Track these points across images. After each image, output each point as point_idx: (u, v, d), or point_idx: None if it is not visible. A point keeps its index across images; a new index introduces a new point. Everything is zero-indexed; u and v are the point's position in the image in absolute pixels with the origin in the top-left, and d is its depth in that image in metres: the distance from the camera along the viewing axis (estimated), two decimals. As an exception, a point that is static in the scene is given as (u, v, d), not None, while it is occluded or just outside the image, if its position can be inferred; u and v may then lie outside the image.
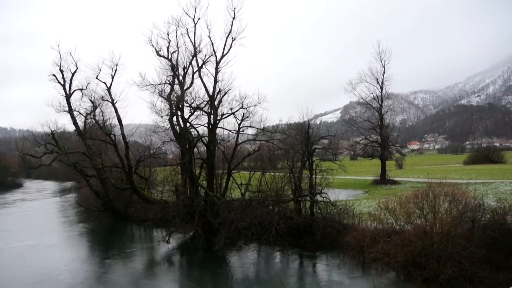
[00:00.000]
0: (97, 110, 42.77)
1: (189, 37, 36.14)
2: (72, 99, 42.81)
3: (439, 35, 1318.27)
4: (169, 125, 35.93)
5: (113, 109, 39.53)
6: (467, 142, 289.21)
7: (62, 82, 42.38)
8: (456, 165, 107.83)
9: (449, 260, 20.41)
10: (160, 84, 36.31)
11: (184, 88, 35.98)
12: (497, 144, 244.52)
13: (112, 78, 38.77)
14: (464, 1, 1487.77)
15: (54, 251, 33.05)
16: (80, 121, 44.39)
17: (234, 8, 35.39)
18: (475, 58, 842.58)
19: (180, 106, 35.05)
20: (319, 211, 32.21)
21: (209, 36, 35.93)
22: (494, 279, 19.53)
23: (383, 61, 67.70)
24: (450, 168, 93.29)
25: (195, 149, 37.81)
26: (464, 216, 22.81)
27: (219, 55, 36.24)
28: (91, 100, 41.77)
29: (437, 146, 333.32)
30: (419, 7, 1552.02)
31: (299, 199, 33.24)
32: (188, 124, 35.42)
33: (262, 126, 37.63)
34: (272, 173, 37.14)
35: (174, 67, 36.30)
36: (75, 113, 42.82)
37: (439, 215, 22.39)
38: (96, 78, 39.12)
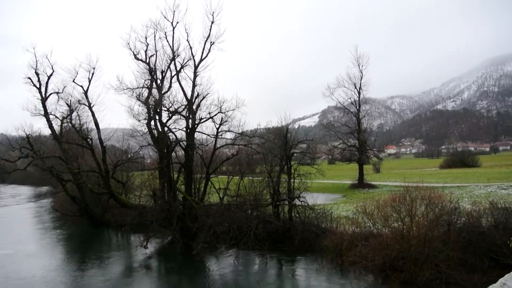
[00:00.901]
0: (74, 114, 42.39)
1: (167, 40, 36.00)
2: (48, 103, 42.24)
3: (416, 41, 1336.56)
4: (147, 129, 35.65)
5: (90, 113, 39.23)
6: (443, 146, 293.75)
7: (38, 85, 41.75)
8: (432, 169, 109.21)
9: (426, 262, 20.66)
10: (138, 88, 36.06)
11: (162, 92, 35.78)
12: (472, 149, 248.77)
13: (89, 81, 38.46)
14: (439, 8, 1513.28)
15: (30, 260, 32.41)
16: (56, 125, 43.79)
17: (213, 12, 35.39)
18: (450, 64, 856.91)
19: (158, 110, 34.86)
20: (297, 215, 32.27)
21: (187, 40, 35.85)
22: (469, 281, 19.79)
23: (360, 66, 68.40)
24: (427, 172, 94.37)
25: (173, 154, 37.67)
26: (440, 219, 23.13)
27: (197, 59, 36.18)
28: (67, 104, 41.37)
29: (413, 150, 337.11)
30: (396, 14, 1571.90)
31: (278, 203, 33.28)
32: (166, 128, 35.24)
33: (240, 131, 37.63)
34: (250, 178, 37.19)
35: (152, 71, 36.07)
36: (51, 116, 42.24)
37: (416, 219, 22.64)
38: (73, 81, 38.77)
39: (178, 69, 36.26)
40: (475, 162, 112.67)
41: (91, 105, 38.36)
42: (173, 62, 36.17)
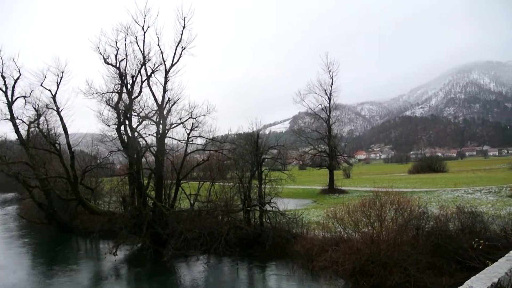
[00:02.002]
0: (41, 119, 41.58)
1: (138, 45, 35.68)
2: (14, 107, 41.22)
3: (385, 49, 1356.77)
4: (116, 135, 35.26)
5: (58, 118, 38.46)
6: (411, 152, 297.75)
7: (4, 89, 40.70)
8: (401, 174, 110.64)
9: (395, 266, 20.90)
10: (107, 92, 35.63)
11: (133, 97, 35.46)
12: (440, 154, 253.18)
13: (58, 85, 37.70)
14: (408, 18, 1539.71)
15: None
16: (23, 129, 42.80)
17: (185, 17, 35.28)
18: (418, 71, 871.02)
19: (128, 115, 34.52)
20: (268, 220, 32.30)
21: (158, 45, 35.63)
22: (437, 284, 20.08)
23: (331, 73, 68.93)
24: (396, 177, 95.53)
25: (143, 159, 37.30)
26: (409, 223, 23.47)
27: (168, 64, 35.98)
28: (35, 108, 40.56)
29: (383, 156, 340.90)
30: (366, 23, 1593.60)
31: (249, 209, 33.27)
32: (136, 134, 34.94)
33: (211, 136, 37.59)
34: (221, 183, 37.11)
35: (122, 76, 35.67)
36: (17, 121, 41.23)
37: (386, 223, 22.91)
38: (41, 85, 37.93)
39: (149, 74, 35.99)
40: (442, 167, 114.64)
41: (60, 110, 37.68)
42: (143, 66, 35.88)
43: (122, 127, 34.86)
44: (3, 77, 40.63)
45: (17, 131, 41.63)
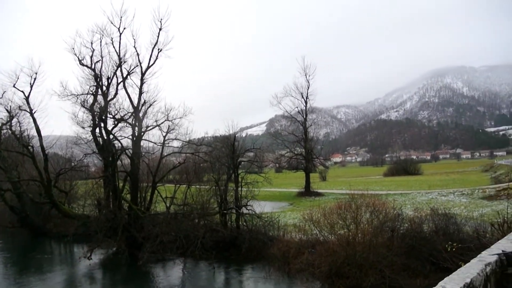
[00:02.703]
0: (14, 120, 40.87)
1: (113, 46, 35.35)
2: (-15, 108, 40.49)
3: (361, 54, 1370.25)
4: (91, 137, 34.86)
5: (31, 119, 37.78)
6: (386, 155, 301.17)
7: (-25, 90, 39.99)
8: (377, 177, 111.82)
9: (371, 268, 21.06)
10: (82, 94, 35.19)
11: (108, 99, 35.09)
12: (414, 157, 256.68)
13: (31, 86, 37.04)
14: (384, 23, 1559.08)
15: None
16: (-5, 131, 42.05)
17: (161, 19, 35.09)
18: (393, 75, 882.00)
19: (103, 117, 34.17)
20: (244, 223, 32.27)
21: (134, 47, 35.34)
22: (412, 285, 20.28)
23: (307, 76, 69.23)
24: (371, 180, 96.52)
25: (119, 162, 36.97)
26: (384, 226, 23.68)
27: (144, 66, 35.72)
28: (7, 110, 39.79)
29: (359, 159, 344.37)
30: (342, 27, 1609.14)
31: (225, 212, 33.19)
32: (111, 136, 34.57)
33: (187, 139, 37.42)
34: (197, 186, 36.92)
35: (97, 77, 35.29)
36: (-12, 123, 40.53)
37: (361, 226, 23.07)
38: (13, 86, 37.18)
39: (124, 75, 35.67)
40: (417, 170, 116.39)
41: (33, 111, 37.06)
42: (119, 68, 35.56)
43: (97, 130, 34.51)
44: (-26, 78, 39.84)
45: (-12, 133, 40.86)
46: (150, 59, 35.76)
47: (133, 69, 35.74)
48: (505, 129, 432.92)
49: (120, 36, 35.13)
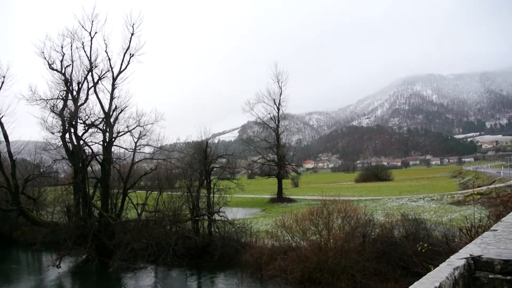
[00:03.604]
0: (-20, 126, 39.85)
1: (84, 51, 34.99)
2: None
3: (333, 61, 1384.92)
4: (61, 143, 34.34)
5: (-2, 125, 37.01)
6: (358, 161, 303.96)
7: None
8: (348, 183, 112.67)
9: (342, 273, 21.21)
10: (52, 99, 34.76)
11: (78, 104, 34.67)
12: (385, 163, 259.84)
13: (-2, 91, 36.34)
14: (355, 31, 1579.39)
15: None
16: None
17: (133, 24, 34.91)
18: (365, 82, 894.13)
19: (74, 122, 33.71)
20: (217, 230, 32.15)
21: (106, 51, 35.05)
22: (383, 290, 20.46)
23: (280, 83, 69.38)
24: (343, 186, 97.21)
25: (89, 168, 36.47)
26: (356, 231, 23.87)
27: (116, 71, 35.44)
28: (-27, 115, 38.82)
29: (330, 165, 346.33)
30: (315, 34, 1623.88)
31: (197, 218, 33.01)
32: (81, 142, 34.14)
33: (159, 145, 37.23)
34: (169, 193, 36.65)
35: (67, 82, 34.85)
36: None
37: (333, 231, 23.23)
38: (-20, 90, 36.47)
39: (95, 80, 35.33)
40: (387, 176, 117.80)
41: (0, 116, 36.33)
42: (90, 73, 35.21)
43: (67, 135, 34.03)
44: None
45: (-47, 138, 39.76)
46: (121, 64, 35.55)
47: (104, 74, 35.47)
48: (473, 136, 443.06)
49: (91, 40, 34.85)
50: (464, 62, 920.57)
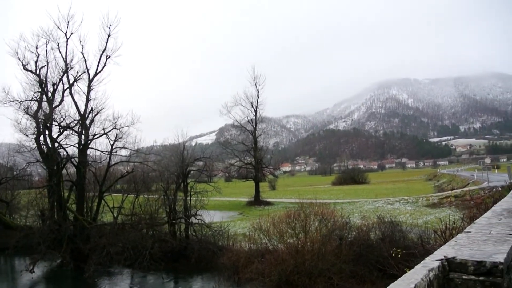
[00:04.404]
0: (-49, 128, 39.15)
1: (60, 52, 34.58)
2: None
3: (310, 64, 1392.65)
4: (35, 145, 33.85)
5: (-30, 127, 36.38)
6: (335, 164, 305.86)
7: None
8: (325, 186, 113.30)
9: (319, 276, 21.26)
10: (26, 100, 34.21)
11: (53, 106, 34.21)
12: (362, 166, 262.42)
13: (-29, 92, 35.64)
14: (332, 35, 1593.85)
15: None
16: None
17: (110, 25, 34.67)
18: (342, 86, 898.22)
19: (48, 124, 33.22)
20: (194, 233, 32.00)
21: (82, 53, 34.70)
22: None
23: (257, 86, 69.41)
24: (320, 188, 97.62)
25: (64, 171, 35.98)
26: (332, 234, 23.96)
27: (92, 72, 35.13)
28: None
29: (308, 168, 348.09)
30: (293, 38, 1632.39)
31: (174, 221, 32.81)
32: (56, 144, 33.67)
33: (136, 147, 37.01)
34: (146, 196, 36.37)
35: (42, 83, 34.34)
36: None
37: (310, 234, 23.28)
38: (-49, 92, 35.70)
39: (71, 82, 34.95)
40: (364, 179, 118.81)
41: (-28, 118, 35.70)
42: (66, 74, 34.80)
43: (42, 137, 33.55)
44: None
45: None
46: (98, 66, 35.28)
47: (80, 75, 35.13)
48: (447, 139, 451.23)
49: (67, 41, 34.50)
50: (438, 67, 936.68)
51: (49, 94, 34.65)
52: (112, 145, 35.39)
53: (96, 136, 35.01)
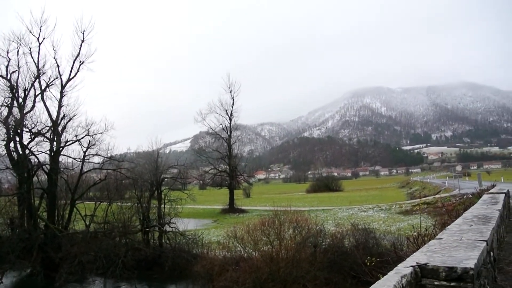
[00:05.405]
0: None
1: (32, 57, 34.05)
2: None
3: (285, 73, 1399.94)
4: (5, 151, 33.12)
5: None
6: (309, 172, 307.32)
7: None
8: (300, 193, 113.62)
9: (294, 283, 21.27)
10: (-5, 106, 33.45)
11: (24, 112, 33.59)
12: (336, 174, 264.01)
13: None
14: (305, 42, 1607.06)
15: None
16: None
17: (84, 31, 34.31)
18: (316, 94, 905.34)
19: (19, 130, 32.62)
20: (168, 241, 31.76)
21: (55, 58, 34.25)
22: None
23: (232, 93, 69.55)
24: (294, 196, 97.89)
25: (35, 178, 35.31)
26: (307, 241, 24.04)
27: (65, 78, 34.70)
28: None
29: (282, 176, 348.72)
30: (267, 47, 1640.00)
31: (148, 229, 32.53)
32: (27, 151, 33.03)
33: (109, 155, 36.61)
34: (119, 204, 35.98)
35: (13, 88, 33.73)
36: None
37: (285, 242, 23.30)
38: None
39: (43, 87, 34.43)
40: (338, 186, 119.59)
41: None
42: (37, 80, 34.29)
43: (12, 144, 32.85)
44: None
45: None
46: (71, 72, 34.86)
47: (52, 81, 34.64)
48: (420, 147, 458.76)
49: (39, 46, 34.02)
50: (411, 76, 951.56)
51: (20, 100, 34.06)
52: (84, 152, 34.97)
53: (68, 143, 34.58)
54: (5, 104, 33.79)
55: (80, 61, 34.85)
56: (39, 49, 34.00)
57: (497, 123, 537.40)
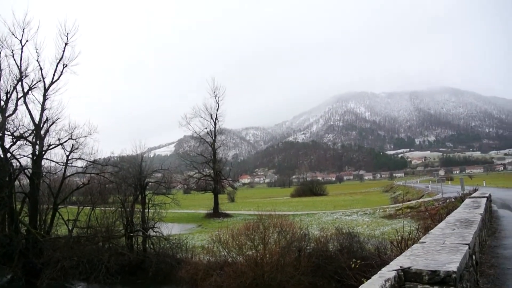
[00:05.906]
0: None
1: (14, 59, 33.71)
2: None
3: (269, 77, 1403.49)
4: (-14, 155, 32.71)
5: None
6: (294, 176, 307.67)
7: None
8: (284, 198, 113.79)
9: (278, 288, 21.23)
10: (-23, 109, 33.04)
11: (6, 115, 33.24)
12: (320, 178, 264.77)
13: None
14: (291, 49, 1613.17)
15: None
16: None
17: (67, 34, 34.08)
18: (300, 99, 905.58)
19: (0, 134, 32.23)
20: (151, 246, 31.59)
21: (37, 61, 33.94)
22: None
23: (217, 98, 69.46)
24: (279, 200, 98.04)
25: (17, 182, 34.92)
26: (291, 245, 24.08)
27: (48, 81, 34.41)
28: None
29: (267, 180, 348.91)
30: (251, 51, 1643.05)
31: (131, 234, 32.31)
32: (9, 154, 32.67)
33: (92, 159, 36.30)
34: (102, 208, 35.70)
35: (-6, 92, 33.34)
36: None
37: (269, 246, 23.30)
38: None
39: (25, 90, 34.11)
40: (322, 191, 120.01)
41: None
42: (20, 83, 33.93)
43: (-7, 148, 32.46)
44: None
45: None
46: (54, 75, 34.59)
47: (35, 84, 34.35)
48: (403, 151, 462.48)
49: (22, 48, 33.70)
50: (395, 81, 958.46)
51: (2, 103, 33.68)
52: (67, 156, 34.71)
53: (51, 147, 34.26)
54: (-13, 107, 33.43)
55: (64, 64, 34.63)
56: (21, 52, 33.73)
57: (479, 128, 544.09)
